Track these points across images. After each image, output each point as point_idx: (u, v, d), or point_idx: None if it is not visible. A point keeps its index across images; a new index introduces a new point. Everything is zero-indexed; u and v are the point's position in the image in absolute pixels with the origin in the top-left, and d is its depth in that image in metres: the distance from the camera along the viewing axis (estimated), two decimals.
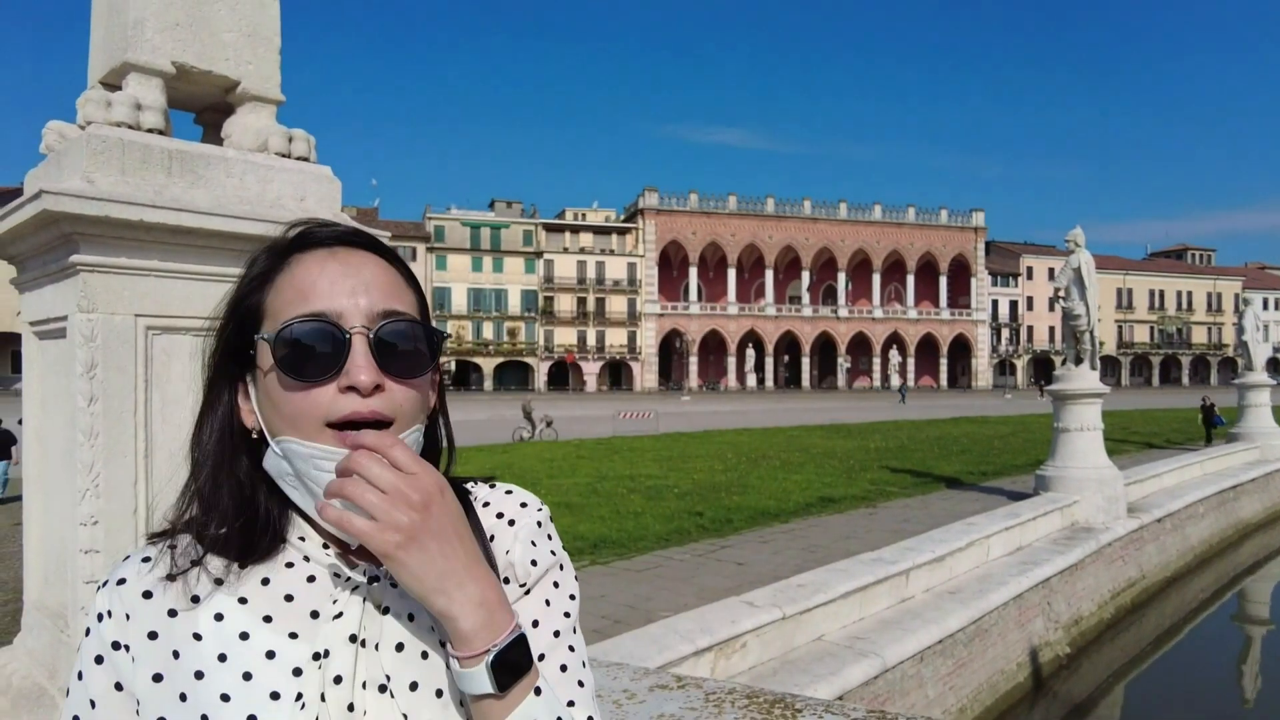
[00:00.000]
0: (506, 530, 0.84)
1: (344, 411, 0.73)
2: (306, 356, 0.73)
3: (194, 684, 0.72)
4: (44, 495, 3.15)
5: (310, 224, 0.81)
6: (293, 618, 0.75)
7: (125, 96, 2.82)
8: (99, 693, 0.73)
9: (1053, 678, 9.32)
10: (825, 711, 1.89)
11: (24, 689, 2.96)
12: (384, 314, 0.76)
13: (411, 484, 0.67)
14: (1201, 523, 14.93)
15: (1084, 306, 12.29)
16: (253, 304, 0.78)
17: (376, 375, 0.73)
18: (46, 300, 2.96)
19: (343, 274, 0.76)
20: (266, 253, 0.81)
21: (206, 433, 0.79)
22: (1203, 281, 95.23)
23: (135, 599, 0.74)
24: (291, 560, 0.79)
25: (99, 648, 0.74)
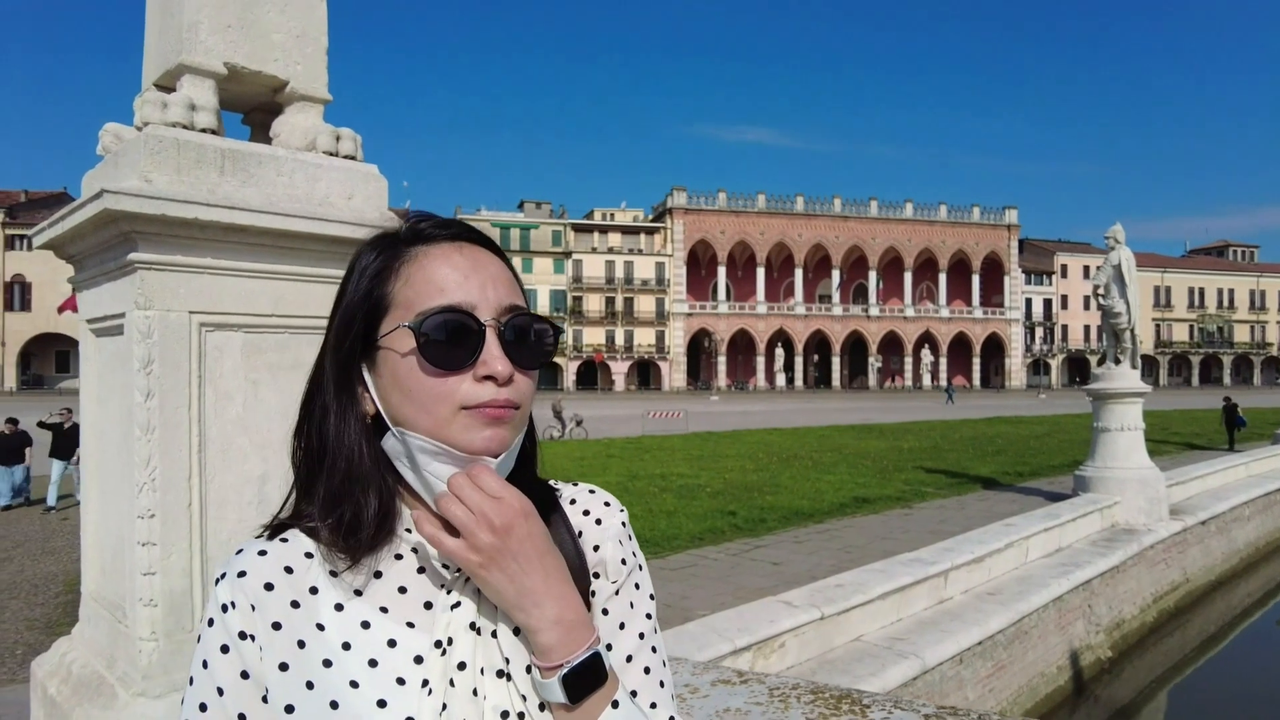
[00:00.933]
0: (594, 528, 0.88)
1: (483, 398, 0.76)
2: (447, 346, 0.75)
3: (322, 672, 0.74)
4: (100, 489, 3.22)
5: (422, 217, 0.84)
6: (408, 608, 0.78)
7: (180, 97, 2.87)
8: (227, 681, 0.75)
9: (1094, 681, 9.15)
10: (894, 707, 1.85)
11: (83, 677, 3.03)
12: (509, 308, 0.79)
13: (496, 508, 0.72)
14: (1247, 525, 14.57)
15: (1124, 304, 12.04)
16: (380, 295, 0.80)
17: (510, 365, 0.77)
18: (104, 298, 3.03)
19: (472, 269, 0.79)
20: (378, 246, 0.83)
21: (334, 422, 0.80)
22: (1245, 279, 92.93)
23: (258, 590, 0.76)
24: (400, 552, 0.81)
25: (224, 637, 0.75)
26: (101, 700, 2.88)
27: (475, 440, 0.76)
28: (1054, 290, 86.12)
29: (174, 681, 2.79)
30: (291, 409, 3.10)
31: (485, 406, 0.76)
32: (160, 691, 2.76)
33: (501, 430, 0.77)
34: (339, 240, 3.09)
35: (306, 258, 3.05)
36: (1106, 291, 12.14)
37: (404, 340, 0.77)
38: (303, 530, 0.80)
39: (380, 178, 3.29)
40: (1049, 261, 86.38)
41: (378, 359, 0.79)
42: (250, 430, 2.97)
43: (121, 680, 2.87)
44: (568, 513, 0.88)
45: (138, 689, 2.76)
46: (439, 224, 0.83)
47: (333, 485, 0.79)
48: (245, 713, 0.74)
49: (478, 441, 0.76)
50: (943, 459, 18.32)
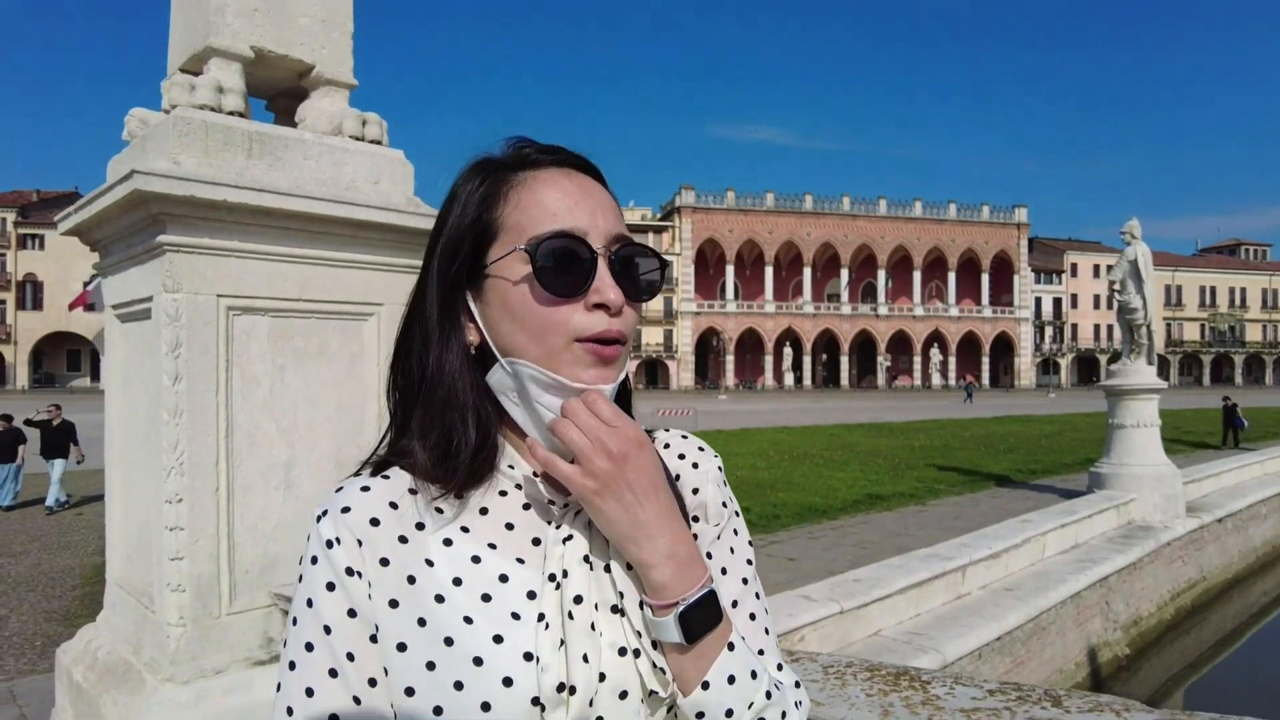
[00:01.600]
0: (691, 471, 0.85)
1: (597, 328, 0.73)
2: (562, 272, 0.73)
3: (434, 608, 0.71)
4: (126, 475, 3.21)
5: (524, 142, 0.81)
6: (516, 545, 0.76)
7: (208, 80, 2.86)
8: (334, 619, 0.71)
9: (1111, 679, 9.08)
10: (955, 683, 1.83)
11: (110, 664, 3.02)
12: (617, 237, 0.76)
13: (612, 435, 0.70)
14: (1264, 524, 14.44)
15: (1140, 300, 11.92)
16: (488, 220, 0.76)
17: (622, 295, 0.74)
18: (131, 282, 3.02)
19: (581, 194, 0.76)
20: (482, 170, 0.79)
21: (447, 355, 0.77)
22: (1257, 277, 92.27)
23: (364, 526, 0.73)
24: (504, 489, 0.78)
25: (330, 574, 0.72)
26: (129, 686, 2.87)
27: (585, 374, 0.73)
28: (1064, 289, 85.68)
29: (202, 667, 2.78)
30: (317, 395, 3.08)
31: (598, 339, 0.73)
32: (188, 677, 2.75)
33: (608, 370, 0.75)
34: (365, 224, 3.08)
35: (333, 242, 3.04)
36: (1123, 287, 12.04)
37: (516, 266, 0.74)
38: (403, 467, 0.77)
39: (406, 163, 3.27)
40: (1059, 260, 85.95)
41: (485, 286, 0.76)
42: (277, 415, 2.96)
43: (149, 666, 2.86)
44: (663, 456, 0.85)
45: (166, 674, 2.75)
46: (544, 149, 0.80)
47: (430, 412, 0.76)
48: (353, 652, 0.71)
49: (587, 376, 0.73)
50: (954, 457, 18.24)
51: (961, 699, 1.75)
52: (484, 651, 0.69)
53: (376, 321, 3.18)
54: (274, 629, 2.94)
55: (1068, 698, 1.77)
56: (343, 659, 0.70)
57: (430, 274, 0.79)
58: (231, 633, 2.85)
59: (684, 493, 0.83)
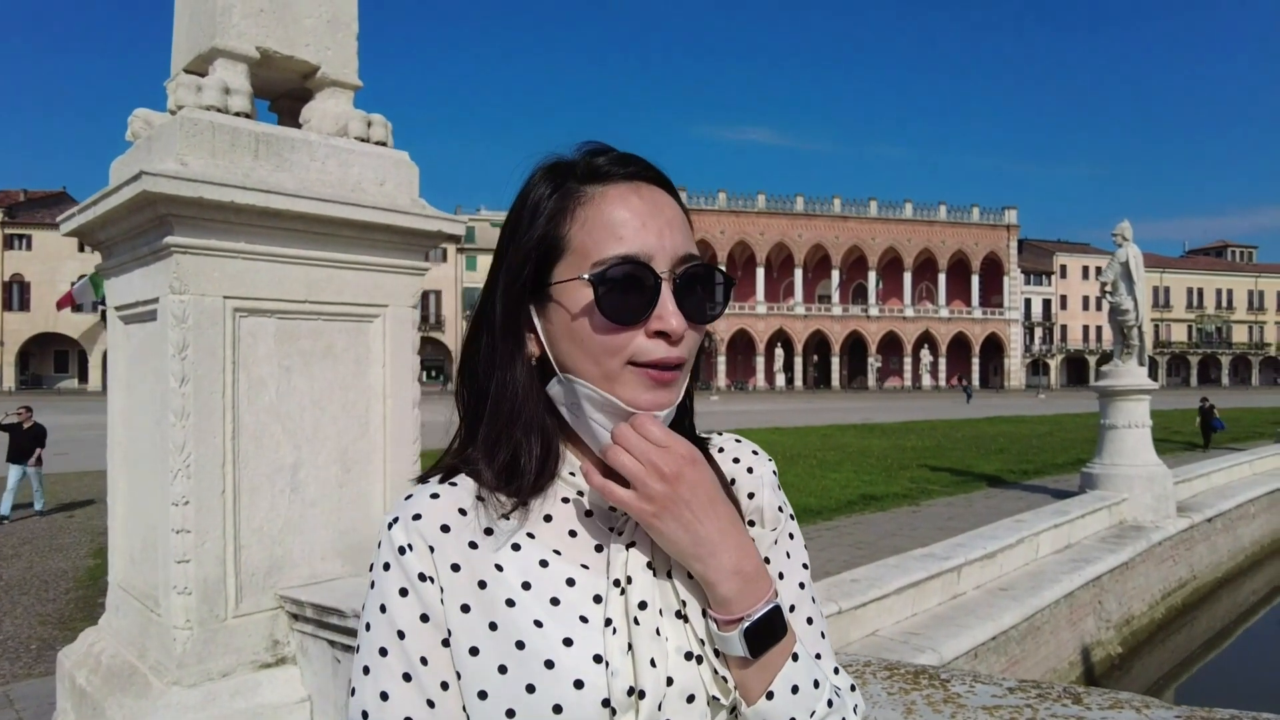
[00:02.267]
0: (746, 476, 0.86)
1: (655, 355, 0.73)
2: (623, 299, 0.72)
3: (505, 612, 0.72)
4: (130, 477, 3.20)
5: (597, 149, 0.80)
6: (580, 551, 0.77)
7: (214, 80, 2.85)
8: (407, 624, 0.72)
9: (1104, 677, 9.14)
10: (975, 681, 1.84)
11: (114, 667, 3.01)
12: (684, 257, 0.76)
13: (664, 457, 0.70)
14: (1253, 523, 14.56)
15: (1132, 301, 12.01)
16: (555, 237, 0.76)
17: (684, 321, 0.74)
18: (135, 284, 3.01)
19: (650, 213, 0.75)
20: (553, 180, 0.78)
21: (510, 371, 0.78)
22: (1244, 279, 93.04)
23: (435, 532, 0.74)
24: (566, 495, 0.80)
25: (403, 580, 0.73)
26: (134, 690, 2.85)
27: (641, 398, 0.74)
28: (1053, 290, 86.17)
29: (208, 670, 2.77)
30: (323, 397, 3.08)
31: (655, 366, 0.73)
32: (195, 680, 2.74)
33: (666, 393, 0.75)
34: (371, 226, 3.08)
35: (339, 243, 3.03)
36: (1115, 289, 12.13)
37: (578, 290, 0.74)
38: (469, 474, 0.78)
39: (412, 164, 3.27)
40: (1048, 262, 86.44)
41: (549, 303, 0.77)
42: (283, 417, 2.95)
43: (155, 669, 2.84)
44: (718, 460, 0.85)
45: (172, 678, 2.74)
46: (616, 159, 0.79)
47: (496, 428, 0.78)
48: (427, 656, 0.72)
49: (643, 400, 0.74)
50: (946, 457, 18.32)
51: (982, 697, 1.77)
52: (555, 654, 0.70)
53: (382, 323, 3.18)
54: (280, 632, 2.94)
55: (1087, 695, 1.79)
56: (416, 663, 0.71)
57: (497, 284, 0.79)
58: (238, 635, 2.84)
59: (740, 498, 0.84)
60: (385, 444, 3.14)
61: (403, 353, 3.18)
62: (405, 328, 3.19)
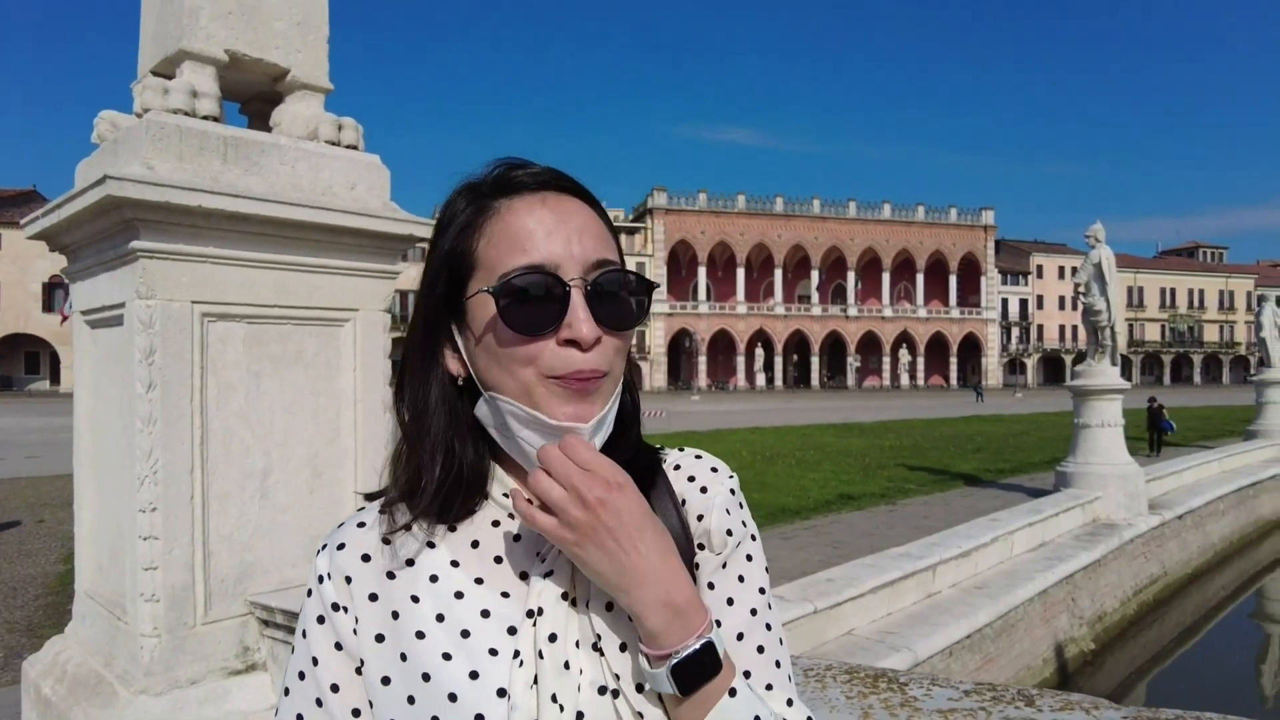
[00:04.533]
0: (699, 496, 0.82)
1: (569, 367, 0.72)
2: (529, 310, 0.71)
3: (415, 643, 0.72)
4: (97, 483, 3.16)
5: (510, 164, 0.79)
6: (502, 579, 0.76)
7: (181, 84, 2.82)
8: (321, 651, 0.75)
9: (1078, 674, 9.27)
10: (932, 684, 1.87)
11: (80, 676, 2.97)
12: (597, 263, 0.74)
13: (587, 481, 0.67)
14: (1222, 520, 14.81)
15: (1104, 302, 12.18)
16: (464, 252, 0.76)
17: (596, 329, 0.72)
18: (101, 288, 2.97)
19: (556, 222, 0.74)
20: (467, 197, 0.78)
21: (422, 390, 0.78)
22: (1214, 279, 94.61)
23: (355, 562, 0.76)
24: (497, 519, 0.78)
25: (320, 608, 0.76)
26: (100, 699, 2.82)
27: (561, 410, 0.72)
28: (1030, 290, 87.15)
29: (176, 678, 2.75)
30: (294, 402, 3.07)
31: (570, 377, 0.72)
32: (163, 689, 2.71)
33: (587, 404, 0.73)
34: (342, 230, 3.06)
35: (309, 248, 3.02)
36: (1087, 289, 12.29)
37: (486, 303, 0.73)
38: (405, 498, 0.78)
39: (383, 168, 3.26)
40: (1025, 262, 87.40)
41: (466, 320, 0.76)
42: (253, 423, 2.93)
43: (121, 678, 2.81)
44: (672, 479, 0.83)
45: (139, 686, 2.71)
46: (528, 172, 0.78)
47: (410, 447, 0.78)
48: (338, 683, 0.74)
49: (564, 412, 0.72)
50: (924, 457, 18.48)
51: (939, 700, 1.79)
52: (459, 688, 0.70)
53: (353, 327, 3.16)
54: (250, 638, 2.91)
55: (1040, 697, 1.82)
56: (327, 690, 0.74)
57: (418, 305, 0.80)
58: (207, 642, 2.81)
59: (689, 519, 0.81)
60: (357, 449, 3.12)
61: (374, 357, 3.16)
62: (376, 332, 3.18)
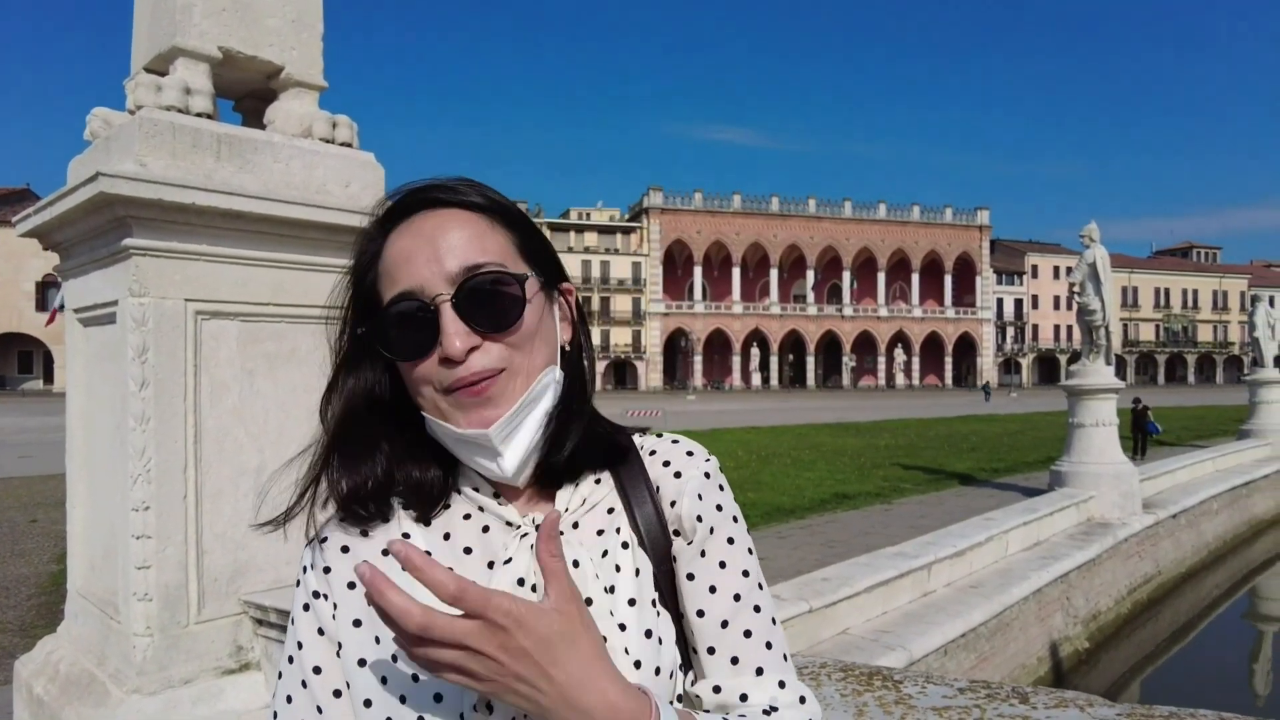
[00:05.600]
0: (673, 482, 0.82)
1: (448, 381, 0.74)
2: (405, 337, 0.74)
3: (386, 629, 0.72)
4: (90, 482, 3.15)
5: (399, 192, 0.81)
6: (471, 569, 0.78)
7: (175, 80, 2.81)
8: (305, 636, 0.80)
9: (1072, 672, 9.29)
10: (927, 682, 1.87)
11: (72, 675, 2.96)
12: (466, 270, 0.74)
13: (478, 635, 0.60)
14: (1216, 519, 14.86)
15: (1099, 302, 12.20)
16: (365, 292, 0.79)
17: (467, 339, 0.73)
18: (93, 286, 2.96)
19: (417, 246, 0.75)
20: (366, 234, 0.82)
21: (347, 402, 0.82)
22: (1208, 279, 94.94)
23: (335, 553, 0.80)
24: (468, 512, 0.82)
25: (305, 597, 0.81)
26: (93, 699, 2.81)
27: (467, 419, 0.74)
28: (1025, 290, 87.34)
29: (169, 677, 2.74)
30: (288, 400, 3.05)
31: (455, 388, 0.74)
32: (155, 688, 2.70)
33: (489, 409, 0.74)
34: (336, 228, 3.05)
35: (303, 245, 3.01)
36: (1082, 289, 12.31)
37: None
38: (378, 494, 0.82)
39: (377, 165, 3.25)
40: (1020, 262, 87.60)
41: None
42: (247, 421, 2.92)
43: (114, 677, 2.80)
44: (647, 464, 0.84)
45: (132, 686, 2.70)
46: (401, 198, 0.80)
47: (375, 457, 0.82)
48: (320, 665, 0.79)
49: (469, 420, 0.74)
50: (919, 456, 18.50)
51: (933, 697, 1.80)
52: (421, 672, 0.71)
53: None
54: (244, 637, 2.90)
55: (1034, 694, 1.83)
56: (310, 672, 0.79)
57: None
58: (200, 642, 2.80)
59: (663, 506, 0.82)
60: None
61: None
62: None
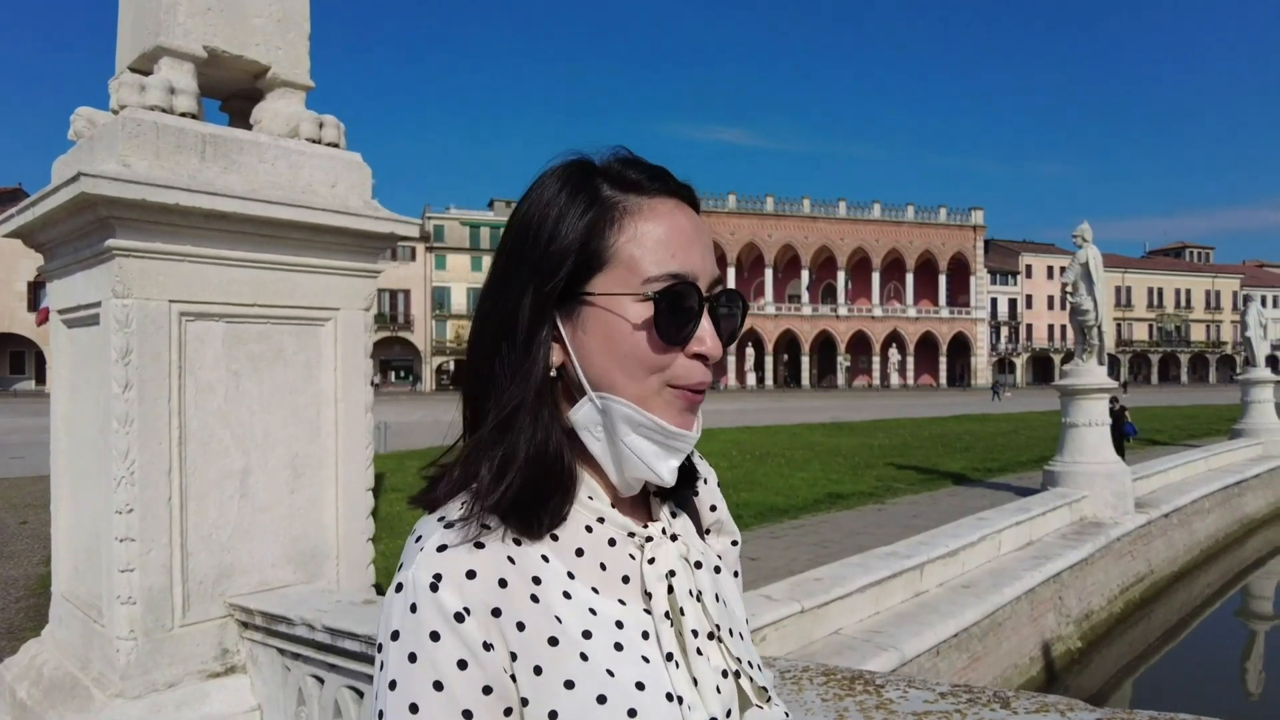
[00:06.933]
0: (703, 488, 0.88)
1: (695, 378, 0.72)
2: (675, 320, 0.70)
3: (580, 667, 0.68)
4: (74, 485, 3.12)
5: (628, 161, 0.76)
6: (613, 585, 0.74)
7: (159, 80, 2.79)
8: (471, 701, 0.65)
9: (1065, 672, 9.31)
10: (909, 687, 1.87)
11: (56, 679, 2.94)
12: (716, 280, 0.75)
13: None
14: (1207, 518, 14.91)
15: (1091, 302, 12.24)
16: (599, 247, 0.71)
17: (719, 345, 0.73)
18: (77, 287, 2.94)
19: (695, 234, 0.74)
20: (578, 185, 0.73)
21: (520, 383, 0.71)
22: (1201, 279, 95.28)
23: (494, 591, 0.67)
24: (589, 524, 0.75)
25: (462, 652, 0.65)
26: (76, 703, 2.79)
27: (676, 419, 0.72)
28: (1019, 290, 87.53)
29: (153, 681, 2.72)
30: (273, 402, 3.03)
31: (692, 387, 0.72)
32: (139, 692, 2.68)
33: (694, 416, 0.74)
34: (322, 228, 3.04)
35: (289, 246, 2.99)
36: (1075, 289, 12.34)
37: (631, 306, 0.70)
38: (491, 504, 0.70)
39: (364, 166, 3.23)
40: (1014, 262, 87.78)
41: (583, 313, 0.71)
42: (231, 423, 2.90)
43: (97, 681, 2.78)
44: None
45: (115, 690, 2.68)
46: (652, 174, 0.75)
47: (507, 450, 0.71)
48: None
49: (678, 420, 0.72)
50: (912, 456, 18.53)
51: (914, 702, 1.79)
52: (636, 702, 0.68)
53: (333, 326, 3.14)
54: (229, 640, 2.89)
55: (1015, 699, 1.82)
56: None
57: (516, 285, 0.72)
58: (185, 645, 2.79)
59: (702, 510, 0.86)
60: (337, 449, 3.10)
61: (355, 356, 3.14)
62: (357, 331, 3.16)
